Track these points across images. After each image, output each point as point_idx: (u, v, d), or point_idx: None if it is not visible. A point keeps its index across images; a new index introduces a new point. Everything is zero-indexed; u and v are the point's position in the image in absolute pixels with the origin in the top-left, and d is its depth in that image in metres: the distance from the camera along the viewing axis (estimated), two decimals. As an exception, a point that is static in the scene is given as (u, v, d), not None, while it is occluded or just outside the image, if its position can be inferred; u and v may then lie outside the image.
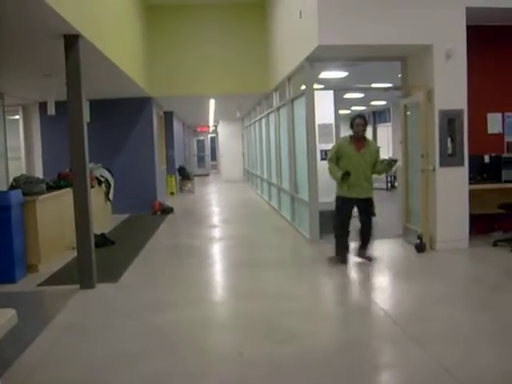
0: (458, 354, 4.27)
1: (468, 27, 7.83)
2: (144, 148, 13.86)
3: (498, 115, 8.91)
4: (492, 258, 7.48)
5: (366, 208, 7.49)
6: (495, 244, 8.08)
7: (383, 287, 6.61)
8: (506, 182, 8.23)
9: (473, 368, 3.98)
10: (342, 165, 7.28)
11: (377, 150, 7.53)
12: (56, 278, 7.15)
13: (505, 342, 4.49)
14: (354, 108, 25.63)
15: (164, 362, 4.26)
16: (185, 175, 21.06)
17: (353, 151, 7.27)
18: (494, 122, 8.92)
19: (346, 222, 7.45)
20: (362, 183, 7.30)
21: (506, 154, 8.69)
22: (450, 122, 7.84)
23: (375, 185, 18.21)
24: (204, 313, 5.58)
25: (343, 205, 7.37)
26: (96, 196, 10.40)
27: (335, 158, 7.37)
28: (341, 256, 7.46)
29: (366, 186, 7.36)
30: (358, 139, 7.35)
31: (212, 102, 16.87)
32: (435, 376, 3.87)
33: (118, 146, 13.64)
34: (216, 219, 13.04)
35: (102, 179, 11.80)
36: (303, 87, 9.12)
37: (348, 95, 17.09)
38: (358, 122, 7.29)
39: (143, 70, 12.36)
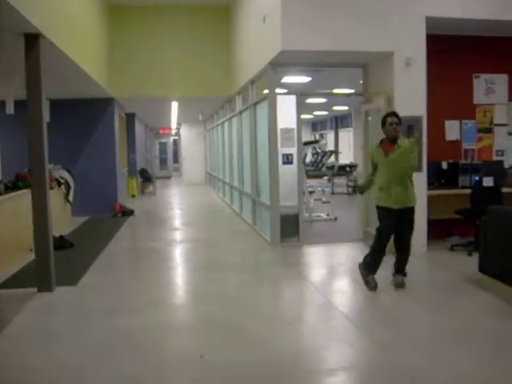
0: (416, 355, 4.35)
1: (428, 36, 8.00)
2: (105, 149, 13.71)
3: (456, 123, 9.11)
4: (449, 262, 7.63)
5: (405, 220, 6.24)
6: (452, 248, 8.25)
7: (342, 290, 6.68)
8: (462, 187, 8.42)
9: (430, 371, 4.05)
10: (378, 175, 6.34)
11: (406, 148, 6.13)
12: (13, 281, 7.02)
13: (461, 342, 4.59)
14: (316, 113, 25.89)
15: (123, 365, 4.23)
16: (146, 177, 20.92)
17: (381, 156, 6.24)
18: (452, 129, 9.12)
19: (388, 236, 6.26)
20: (396, 192, 6.13)
21: (462, 161, 8.88)
22: (409, 128, 7.97)
23: (337, 189, 18.52)
24: (164, 316, 5.55)
25: (383, 215, 6.26)
26: (55, 197, 10.25)
27: (372, 166, 6.45)
28: (371, 279, 6.34)
29: (401, 195, 6.14)
30: (390, 141, 6.21)
31: (175, 104, 16.80)
32: (394, 378, 3.93)
33: (79, 146, 13.46)
34: (177, 222, 12.99)
35: (62, 180, 11.63)
36: (266, 91, 9.17)
37: (310, 100, 17.26)
38: (391, 121, 6.14)
39: (106, 71, 12.24)
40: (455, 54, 8.92)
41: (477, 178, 8.13)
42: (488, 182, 7.88)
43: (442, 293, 6.17)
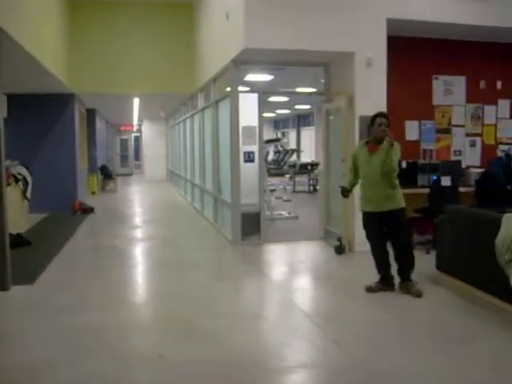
0: (373, 353, 4.41)
1: (389, 37, 8.10)
2: (65, 145, 13.48)
3: (415, 123, 9.25)
4: (407, 261, 7.73)
5: (393, 223, 6.10)
6: (410, 247, 8.37)
7: (302, 288, 6.71)
8: (421, 187, 8.54)
9: (389, 368, 4.11)
10: (360, 175, 6.21)
11: (386, 149, 5.87)
12: (-33, 279, 6.86)
13: (417, 339, 4.67)
14: (278, 111, 25.96)
15: (82, 365, 4.17)
16: (107, 174, 20.68)
17: (365, 155, 6.11)
18: (412, 130, 9.26)
19: (375, 241, 6.21)
20: (376, 194, 6.02)
21: (421, 160, 9.03)
22: (369, 127, 8.04)
23: (298, 187, 18.61)
24: (124, 315, 5.49)
25: (365, 220, 6.25)
26: (12, 194, 10.01)
27: (353, 167, 6.27)
28: (380, 283, 6.18)
29: (380, 197, 6.02)
30: (377, 142, 6.05)
31: (136, 100, 16.65)
32: (353, 375, 3.98)
33: (38, 142, 13.18)
34: (138, 220, 12.88)
35: (20, 177, 11.38)
36: (228, 89, 9.15)
37: (273, 98, 17.28)
38: (380, 122, 5.99)
39: (66, 66, 12.05)
40: (415, 55, 9.06)
41: (435, 178, 8.27)
42: (446, 181, 8.03)
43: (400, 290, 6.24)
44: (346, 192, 6.38)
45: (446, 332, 4.91)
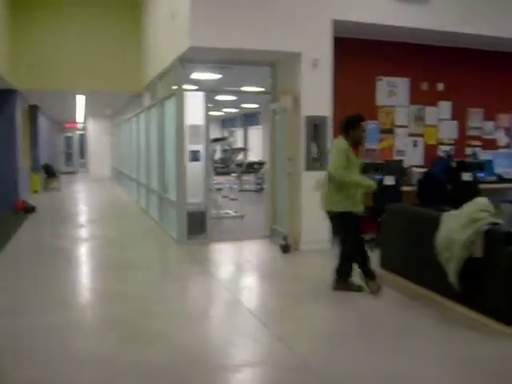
0: (318, 349, 4.46)
1: (335, 39, 8.21)
2: (6, 143, 13.11)
3: (360, 123, 9.38)
4: (351, 259, 7.85)
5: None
6: (355, 245, 8.49)
7: (248, 287, 6.74)
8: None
9: (333, 364, 4.16)
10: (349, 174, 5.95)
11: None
12: None
13: (361, 335, 4.75)
14: (225, 110, 25.94)
15: (22, 369, 4.07)
16: (51, 173, 20.21)
17: (354, 157, 5.98)
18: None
19: (361, 238, 6.14)
20: (360, 195, 6.06)
21: (365, 160, 9.15)
22: (315, 127, 8.15)
23: (245, 186, 18.64)
24: (68, 316, 5.39)
25: (358, 222, 6.04)
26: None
27: (345, 163, 5.87)
28: (375, 281, 6.05)
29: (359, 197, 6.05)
30: (355, 145, 6.06)
31: (81, 97, 16.34)
32: (298, 373, 4.01)
33: (-23, 139, 12.82)
34: (83, 219, 12.65)
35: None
36: (174, 87, 9.09)
37: (220, 97, 17.26)
38: (364, 128, 6.11)
39: (8, 62, 11.72)
40: (360, 56, 9.18)
41: (379, 177, 8.41)
42: (389, 180, 8.18)
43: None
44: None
45: (388, 327, 5.01)
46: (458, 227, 5.01)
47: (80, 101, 17.24)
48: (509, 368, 4.13)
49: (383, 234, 6.71)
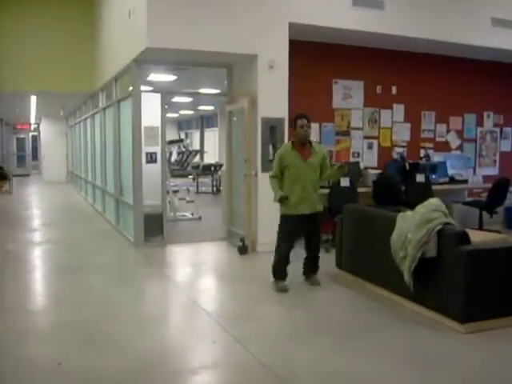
0: (274, 349, 4.48)
1: (291, 41, 8.25)
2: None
3: (316, 125, 9.45)
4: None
5: (314, 225, 6.34)
6: (311, 246, 8.56)
7: (206, 289, 6.72)
8: (321, 187, 8.64)
9: (290, 364, 4.19)
10: (288, 177, 6.13)
11: (324, 155, 6.38)
12: None
13: (316, 334, 4.79)
14: (182, 112, 25.83)
15: (-29, 375, 3.97)
16: (1, 175, 19.75)
17: (299, 160, 6.12)
18: (312, 132, 9.43)
19: (292, 242, 6.29)
20: (311, 196, 6.18)
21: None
22: (271, 129, 8.18)
23: (202, 188, 18.59)
24: (20, 322, 5.25)
25: (289, 224, 6.22)
26: None
27: (279, 171, 6.17)
28: (281, 281, 6.26)
29: (314, 199, 6.23)
30: (303, 144, 6.21)
31: (33, 98, 16.02)
32: (256, 373, 4.02)
33: None
34: (36, 222, 12.38)
35: None
36: (130, 89, 9.00)
37: (176, 99, 17.20)
38: (301, 123, 6.14)
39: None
40: (316, 59, 9.26)
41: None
42: (345, 181, 8.28)
43: (301, 288, 6.35)
44: (285, 200, 6.12)
45: (344, 327, 5.07)
46: (412, 227, 5.10)
47: (32, 101, 16.90)
48: (463, 365, 4.22)
49: (339, 234, 6.78)
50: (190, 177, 19.34)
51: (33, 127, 30.23)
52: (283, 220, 6.28)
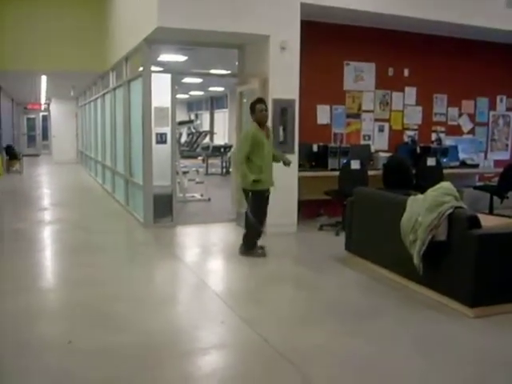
0: (282, 331, 4.49)
1: (303, 22, 8.17)
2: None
3: (327, 107, 9.42)
4: (317, 242, 7.92)
5: (268, 199, 6.96)
6: (321, 228, 8.57)
7: (215, 270, 6.74)
8: (331, 170, 8.73)
9: (297, 345, 4.19)
10: (256, 156, 6.62)
11: (272, 136, 7.06)
12: None
13: (325, 317, 4.80)
14: (192, 93, 25.76)
15: (-17, 351, 4.01)
16: (12, 155, 19.82)
17: (265, 139, 6.70)
18: (323, 114, 9.43)
19: (265, 214, 7.03)
20: (272, 172, 6.87)
21: (332, 144, 9.22)
22: (282, 110, 8.14)
23: (212, 170, 18.61)
24: (31, 300, 5.29)
25: (263, 199, 6.84)
26: None
27: (249, 150, 6.63)
28: (259, 249, 6.98)
29: (272, 174, 6.90)
30: (262, 126, 6.77)
31: (44, 78, 16.01)
32: (264, 354, 4.04)
33: None
34: (46, 202, 12.44)
35: None
36: (141, 69, 8.97)
37: (186, 80, 17.15)
38: (261, 108, 6.70)
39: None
40: (328, 41, 9.20)
41: (345, 161, 8.47)
42: (355, 164, 8.25)
43: (310, 271, 6.38)
44: (258, 181, 6.63)
45: (353, 309, 5.07)
46: (422, 210, 5.07)
47: (43, 81, 16.90)
48: (471, 349, 4.22)
49: (349, 217, 6.76)
50: (200, 158, 19.33)
51: (43, 107, 30.26)
52: (258, 196, 6.78)
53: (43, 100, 26.43)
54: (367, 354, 4.05)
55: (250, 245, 6.95)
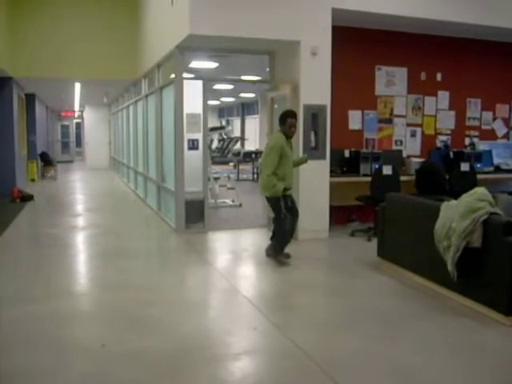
0: (314, 337, 4.47)
1: (334, 27, 8.15)
2: (2, 131, 13.09)
3: (358, 112, 9.38)
4: (349, 248, 7.88)
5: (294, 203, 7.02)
6: (353, 234, 8.52)
7: (246, 276, 6.74)
8: (363, 175, 8.68)
9: (330, 352, 4.17)
10: (282, 166, 6.62)
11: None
12: None
13: (357, 323, 4.76)
14: (223, 99, 25.87)
15: (20, 357, 4.06)
16: (47, 161, 20.16)
17: (289, 150, 6.78)
18: (355, 119, 9.39)
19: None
20: (292, 178, 6.95)
21: (364, 150, 9.17)
22: (313, 116, 8.13)
23: (243, 176, 18.64)
24: (65, 305, 5.37)
25: (284, 202, 6.77)
26: None
27: (278, 160, 6.58)
28: (284, 257, 6.91)
29: (292, 181, 7.00)
30: (289, 139, 6.78)
31: (78, 85, 16.27)
32: (297, 361, 4.02)
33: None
34: (80, 208, 12.62)
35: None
36: (173, 76, 9.05)
37: (217, 86, 17.21)
38: (291, 123, 6.68)
39: (2, 49, 11.65)
40: (359, 45, 9.16)
41: (377, 167, 8.42)
42: (387, 170, 8.19)
43: (342, 277, 6.35)
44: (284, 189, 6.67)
45: (386, 316, 5.01)
46: (456, 217, 5.00)
47: (77, 89, 17.17)
48: (506, 357, 4.14)
49: (381, 223, 6.71)
50: (231, 164, 19.40)
51: (77, 114, 30.73)
52: (279, 200, 6.69)
53: (77, 107, 26.83)
54: (403, 362, 4.00)
55: (279, 249, 6.92)
